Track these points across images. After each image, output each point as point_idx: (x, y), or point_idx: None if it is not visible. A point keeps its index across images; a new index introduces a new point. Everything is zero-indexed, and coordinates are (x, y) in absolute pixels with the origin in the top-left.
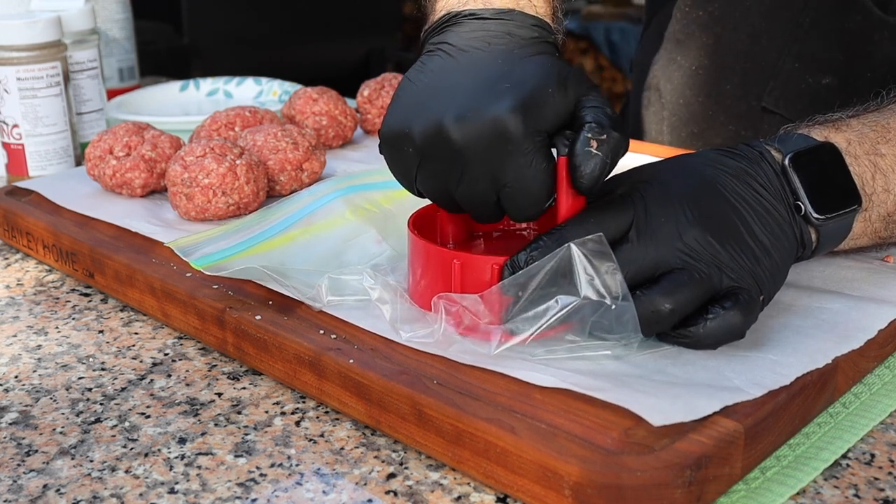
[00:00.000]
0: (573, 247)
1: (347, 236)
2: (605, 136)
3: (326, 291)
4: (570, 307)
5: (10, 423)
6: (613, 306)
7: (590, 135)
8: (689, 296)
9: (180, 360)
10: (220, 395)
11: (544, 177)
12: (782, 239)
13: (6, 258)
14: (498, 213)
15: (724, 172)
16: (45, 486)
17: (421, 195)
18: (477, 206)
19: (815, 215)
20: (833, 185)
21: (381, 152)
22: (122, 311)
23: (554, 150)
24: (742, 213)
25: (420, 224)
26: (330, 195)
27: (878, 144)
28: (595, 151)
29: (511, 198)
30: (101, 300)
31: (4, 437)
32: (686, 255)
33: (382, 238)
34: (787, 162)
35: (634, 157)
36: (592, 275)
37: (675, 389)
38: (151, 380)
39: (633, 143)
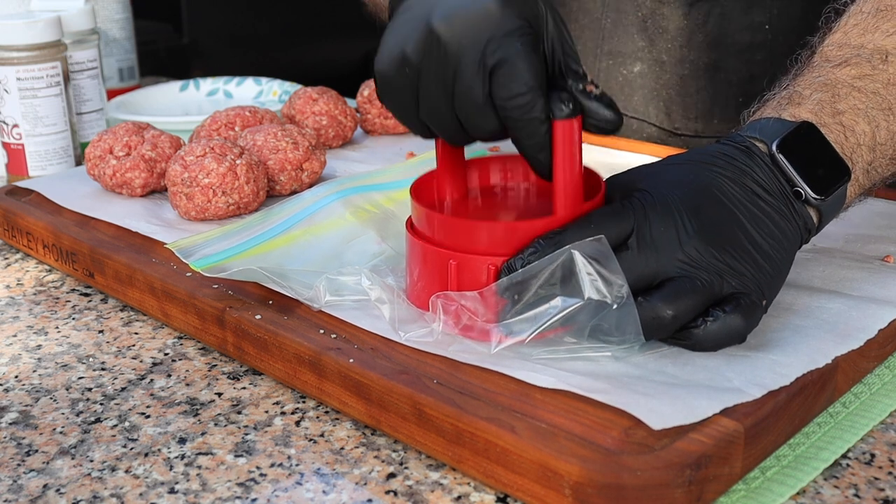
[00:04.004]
0: (574, 250)
1: (347, 237)
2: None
3: (325, 292)
4: (571, 308)
5: (10, 423)
6: (615, 306)
7: (589, 82)
8: (690, 303)
9: (180, 359)
10: (220, 395)
11: (533, 58)
12: (782, 240)
13: (6, 258)
14: (493, 116)
15: (720, 176)
16: (45, 486)
17: (425, 131)
18: (472, 113)
19: (815, 196)
20: (821, 161)
21: (380, 98)
22: (122, 311)
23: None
24: (741, 220)
25: (420, 192)
26: (330, 197)
27: (835, 104)
28: (602, 92)
29: (502, 85)
30: (101, 300)
31: (4, 437)
32: (687, 264)
33: (382, 239)
34: (775, 150)
35: (636, 157)
36: (595, 276)
37: (674, 391)
38: (151, 380)
39: (632, 142)
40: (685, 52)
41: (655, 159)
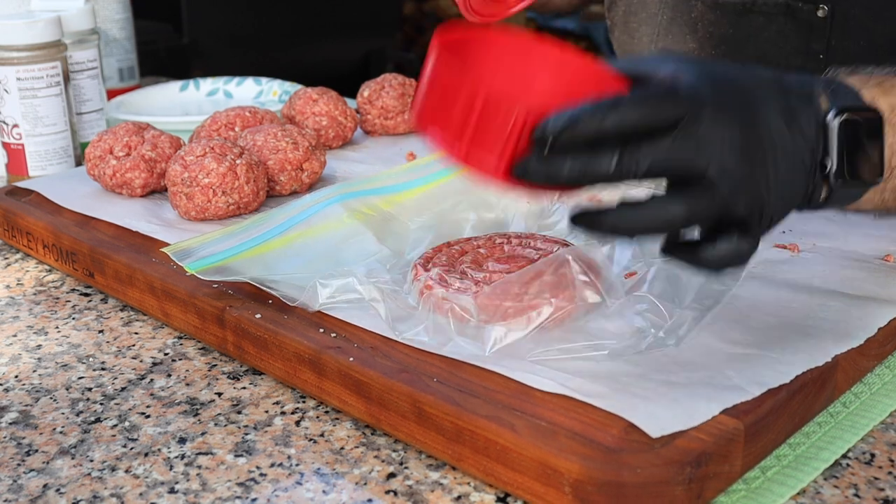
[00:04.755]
0: (569, 257)
1: (345, 237)
2: None
3: (318, 295)
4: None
5: (10, 423)
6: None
7: None
8: (704, 210)
9: (180, 359)
10: (220, 394)
11: None
12: (797, 185)
13: (6, 258)
14: None
15: (773, 109)
16: (45, 485)
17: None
18: None
19: (836, 179)
20: (865, 154)
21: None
22: (122, 310)
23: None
24: (776, 154)
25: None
26: (327, 201)
27: None
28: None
29: None
30: (101, 300)
31: (4, 437)
32: (717, 171)
33: (380, 240)
34: (831, 117)
35: None
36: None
37: (674, 392)
38: (151, 379)
39: None
40: (732, 61)
41: None
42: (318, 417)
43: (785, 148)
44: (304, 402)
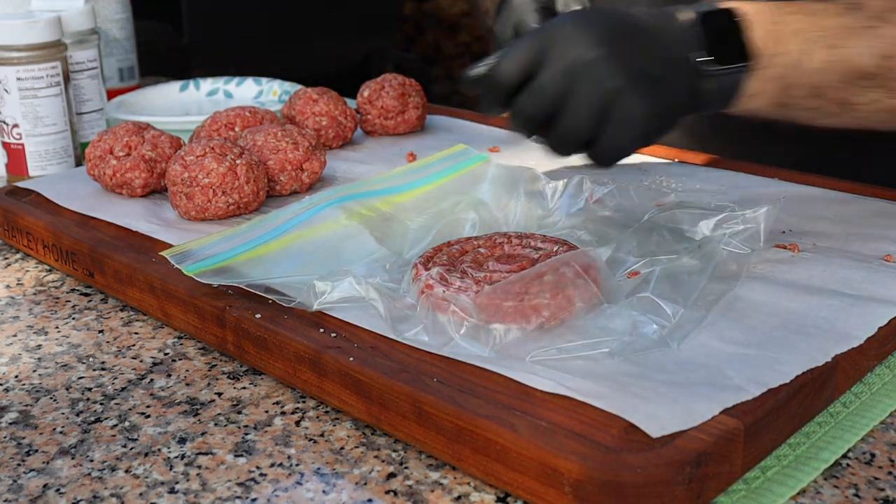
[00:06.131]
0: (569, 258)
1: (343, 238)
2: None
3: (316, 294)
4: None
5: (10, 423)
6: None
7: None
8: (584, 112)
9: (180, 359)
10: (220, 394)
11: None
12: (674, 82)
13: (6, 258)
14: None
15: (639, 17)
16: (45, 485)
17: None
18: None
19: (709, 66)
20: (731, 42)
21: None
22: (122, 310)
23: None
24: (648, 42)
25: None
26: (326, 203)
27: (781, 15)
28: None
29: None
30: (101, 300)
31: (4, 437)
32: (595, 75)
33: (378, 239)
34: (693, 18)
35: (633, 157)
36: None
37: (674, 392)
38: (151, 379)
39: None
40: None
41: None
42: (318, 417)
43: (656, 42)
44: (304, 402)
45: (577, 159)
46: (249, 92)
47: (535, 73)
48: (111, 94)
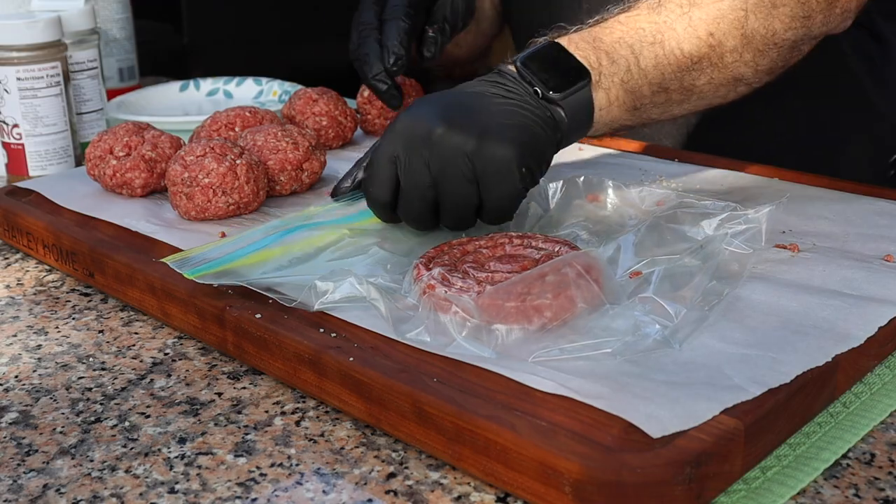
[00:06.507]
0: (571, 258)
1: (345, 244)
2: None
3: (317, 294)
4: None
5: (10, 423)
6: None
7: None
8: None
9: (180, 359)
10: (220, 394)
11: None
12: (528, 114)
13: (6, 258)
14: None
15: (470, 87)
16: (45, 485)
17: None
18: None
19: (552, 94)
20: (561, 67)
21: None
22: (122, 310)
23: None
24: (485, 101)
25: None
26: (333, 220)
27: (597, 33)
28: None
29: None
30: (101, 300)
31: (4, 437)
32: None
33: (380, 241)
34: (518, 64)
35: (633, 157)
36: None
37: (674, 392)
38: (151, 379)
39: (629, 143)
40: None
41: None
42: (318, 417)
43: (491, 106)
44: (304, 402)
45: (575, 159)
46: (249, 92)
47: (398, 181)
48: (111, 94)
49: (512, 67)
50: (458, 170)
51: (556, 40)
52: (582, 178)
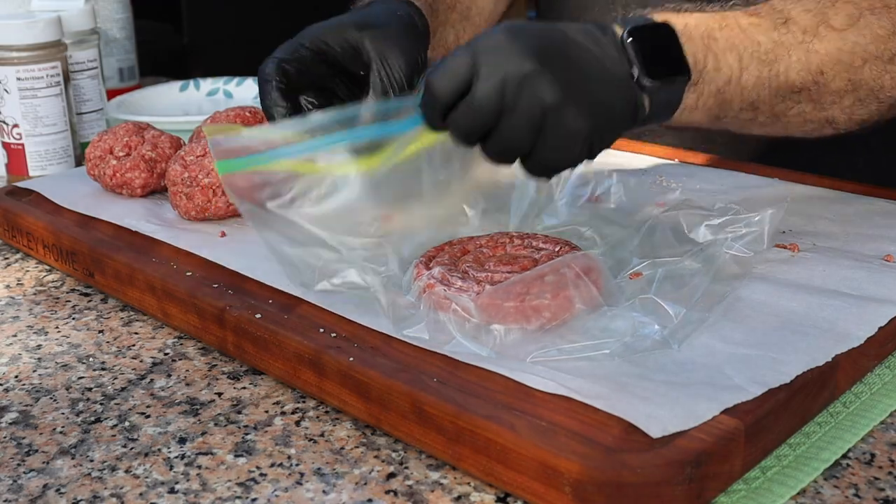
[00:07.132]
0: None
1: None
2: None
3: (318, 277)
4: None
5: (10, 423)
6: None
7: None
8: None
9: (180, 359)
10: (220, 394)
11: None
12: (612, 98)
13: (6, 258)
14: None
15: (571, 32)
16: (45, 485)
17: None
18: None
19: (646, 81)
20: (666, 57)
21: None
22: (122, 310)
23: None
24: (582, 57)
25: None
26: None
27: (714, 30)
28: None
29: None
30: (101, 300)
31: (4, 437)
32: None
33: (444, 161)
34: (625, 35)
35: (633, 157)
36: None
37: (674, 392)
38: (151, 379)
39: (630, 143)
40: None
41: (664, 161)
42: (318, 417)
43: (587, 58)
44: (304, 402)
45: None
46: (249, 92)
47: (468, 88)
48: (111, 94)
49: (618, 29)
50: (529, 114)
51: (671, 21)
52: (585, 176)
